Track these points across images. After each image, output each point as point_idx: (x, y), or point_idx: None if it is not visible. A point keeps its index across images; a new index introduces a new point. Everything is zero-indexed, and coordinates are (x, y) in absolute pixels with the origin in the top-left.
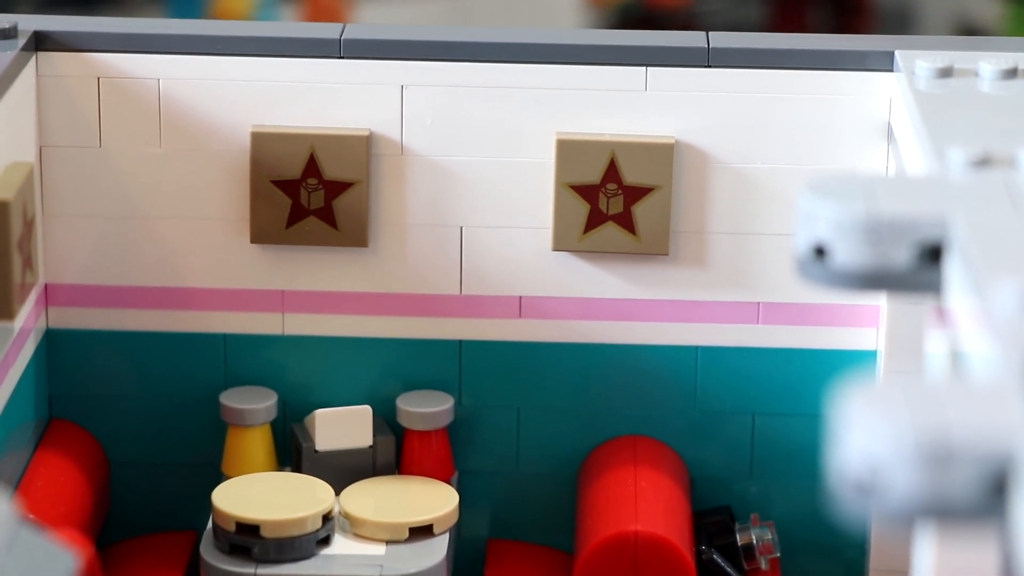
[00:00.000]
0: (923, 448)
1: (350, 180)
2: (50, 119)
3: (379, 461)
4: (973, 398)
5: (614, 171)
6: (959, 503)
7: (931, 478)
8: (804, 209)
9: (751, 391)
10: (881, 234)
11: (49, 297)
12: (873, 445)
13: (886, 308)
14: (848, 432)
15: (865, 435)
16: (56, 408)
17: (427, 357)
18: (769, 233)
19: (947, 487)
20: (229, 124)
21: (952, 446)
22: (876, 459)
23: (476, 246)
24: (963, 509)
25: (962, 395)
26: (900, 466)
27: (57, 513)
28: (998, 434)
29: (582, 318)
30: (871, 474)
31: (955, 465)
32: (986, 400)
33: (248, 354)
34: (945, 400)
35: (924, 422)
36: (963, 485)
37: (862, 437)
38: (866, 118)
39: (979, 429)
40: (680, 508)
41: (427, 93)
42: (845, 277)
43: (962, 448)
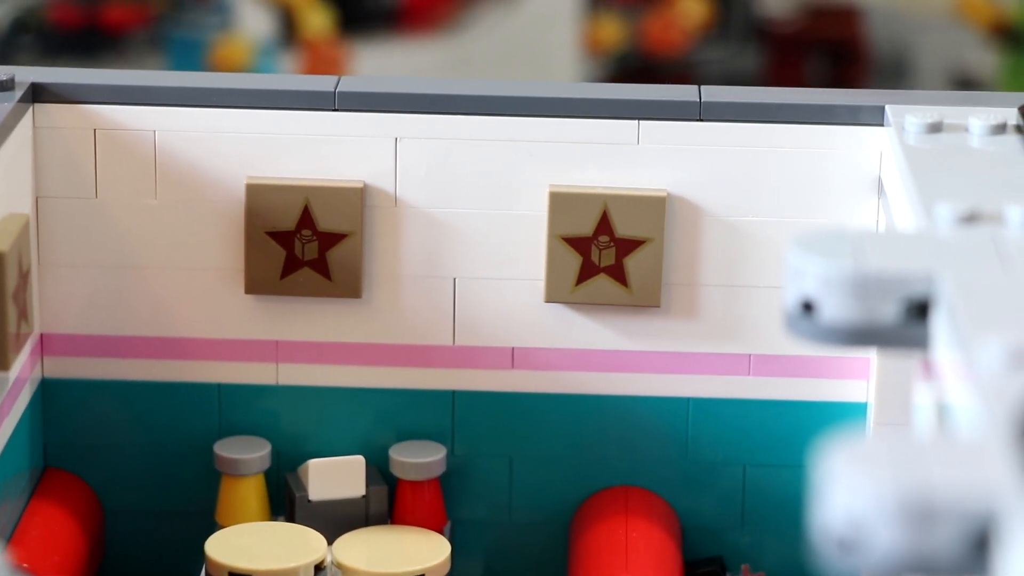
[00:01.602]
0: (905, 506)
1: (344, 232)
2: (46, 170)
3: (372, 511)
4: (956, 455)
5: (606, 223)
6: (942, 561)
7: (913, 536)
8: (792, 265)
9: (742, 442)
10: (869, 290)
11: (45, 347)
12: (855, 502)
13: (876, 361)
14: (830, 489)
15: (847, 492)
16: (51, 457)
17: (420, 407)
18: (760, 286)
19: (930, 545)
20: (224, 175)
21: (934, 504)
22: (858, 516)
23: (469, 297)
24: (946, 567)
25: (945, 452)
26: (882, 524)
27: (51, 563)
28: (980, 492)
29: (574, 369)
30: (853, 531)
31: (937, 523)
32: (969, 457)
33: (242, 404)
34: (928, 457)
35: (906, 479)
36: (946, 543)
37: (844, 494)
38: (857, 172)
39: (962, 487)
40: (671, 558)
41: (421, 145)
42: (833, 332)
43: (944, 506)
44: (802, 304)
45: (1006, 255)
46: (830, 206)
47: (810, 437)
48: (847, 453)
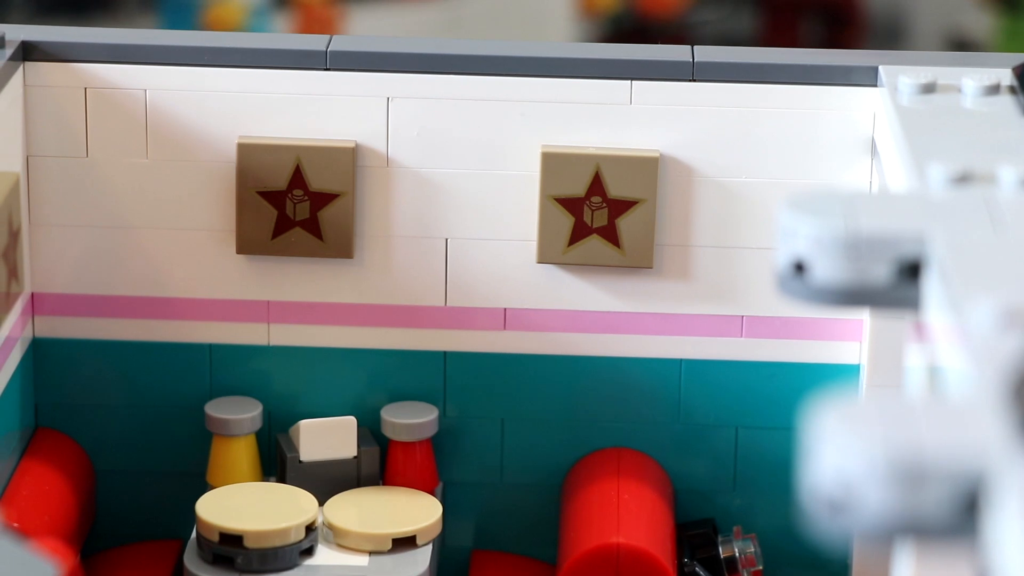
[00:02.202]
0: (895, 466)
1: (336, 191)
2: (37, 129)
3: (363, 472)
4: (947, 416)
5: (599, 184)
6: (932, 521)
7: (903, 496)
8: (784, 225)
9: (735, 404)
10: (860, 250)
11: (36, 306)
12: (845, 463)
13: (869, 322)
14: (821, 449)
15: (837, 453)
16: (42, 417)
17: (412, 368)
18: (753, 247)
19: (919, 505)
20: (215, 135)
21: (925, 464)
22: (848, 477)
23: (461, 258)
24: (936, 527)
25: (936, 413)
26: (872, 484)
27: (42, 522)
28: (970, 452)
29: (567, 330)
30: (844, 492)
31: (927, 483)
32: (959, 418)
33: (233, 364)
34: (918, 418)
35: (897, 440)
36: (935, 503)
37: (834, 455)
38: (850, 133)
39: (952, 448)
40: (663, 520)
41: (413, 105)
42: (824, 293)
43: (935, 467)
44: (794, 265)
45: (998, 216)
46: (823, 167)
47: (803, 399)
48: (837, 414)
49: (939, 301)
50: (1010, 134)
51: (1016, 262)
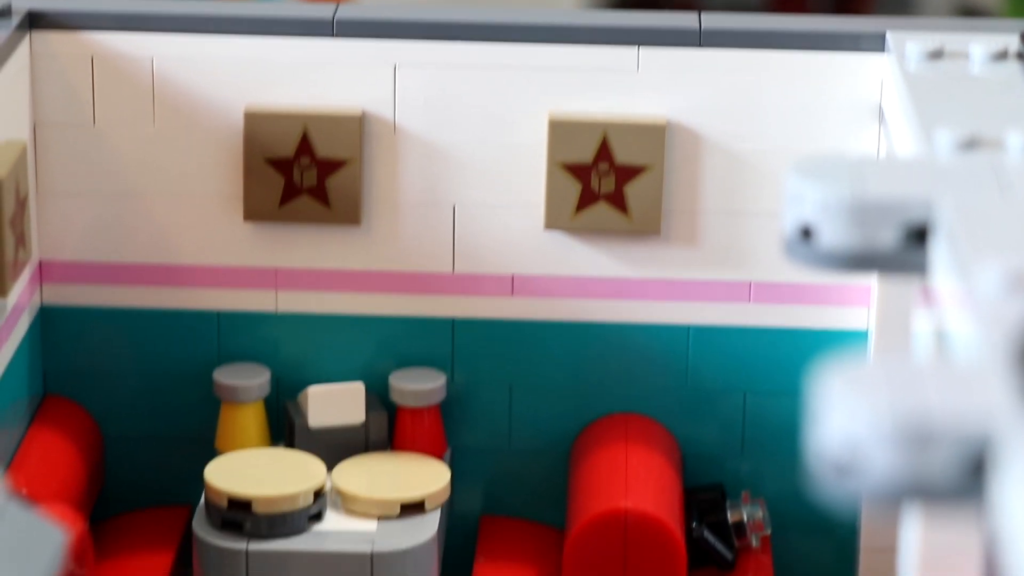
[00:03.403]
0: (902, 429)
1: (343, 159)
2: (44, 98)
3: (371, 438)
4: (953, 379)
5: (606, 151)
6: (938, 484)
7: (910, 459)
8: (791, 190)
9: (743, 370)
10: (867, 215)
11: (44, 274)
12: (852, 426)
13: (877, 288)
14: (827, 413)
15: (844, 416)
16: (51, 384)
17: (420, 335)
18: (761, 213)
19: (926, 468)
20: (222, 103)
21: (931, 427)
22: (855, 440)
23: (469, 224)
24: (943, 490)
25: (942, 376)
26: (879, 447)
27: (50, 489)
28: (977, 416)
29: (574, 296)
30: (850, 455)
31: (934, 446)
32: (966, 381)
33: (241, 331)
34: (925, 381)
35: (903, 403)
36: (942, 466)
37: (841, 418)
38: (857, 99)
39: (958, 410)
40: (671, 485)
41: (420, 73)
42: (832, 258)
43: (941, 429)
44: (801, 230)
45: (1005, 181)
46: (831, 133)
47: (811, 365)
48: (843, 378)
49: (946, 265)
50: (1017, 100)
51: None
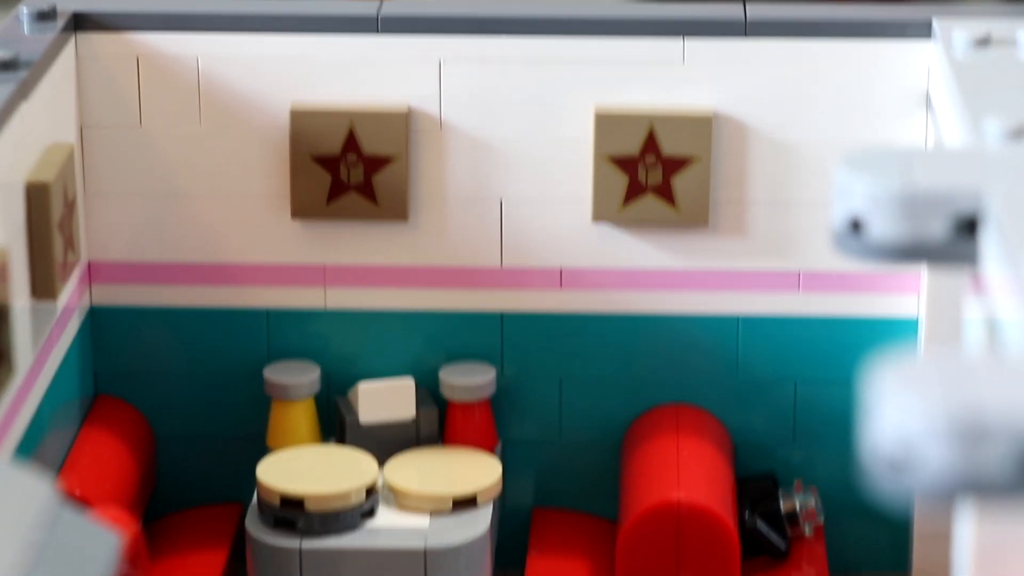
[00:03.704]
0: (956, 425)
1: (389, 155)
2: (90, 99)
3: (422, 433)
4: (1007, 374)
5: (653, 143)
6: (993, 480)
7: (964, 455)
8: (840, 183)
9: (793, 359)
10: (917, 207)
11: (92, 275)
12: (906, 422)
13: (927, 276)
14: (881, 409)
15: (898, 413)
16: (101, 384)
17: (469, 329)
18: (809, 202)
19: (980, 464)
20: (268, 101)
21: (985, 423)
22: (909, 436)
23: (516, 218)
24: (997, 485)
25: (996, 371)
26: (933, 443)
27: (103, 490)
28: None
29: (623, 288)
30: (904, 451)
31: (988, 442)
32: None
33: (291, 328)
34: (978, 376)
35: (957, 399)
36: (997, 462)
37: (895, 415)
38: (904, 87)
39: (1012, 405)
40: (723, 475)
41: (465, 68)
42: (882, 250)
43: (995, 425)
44: (851, 223)
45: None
46: (878, 122)
47: (861, 353)
48: (897, 373)
49: (997, 255)
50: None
51: None
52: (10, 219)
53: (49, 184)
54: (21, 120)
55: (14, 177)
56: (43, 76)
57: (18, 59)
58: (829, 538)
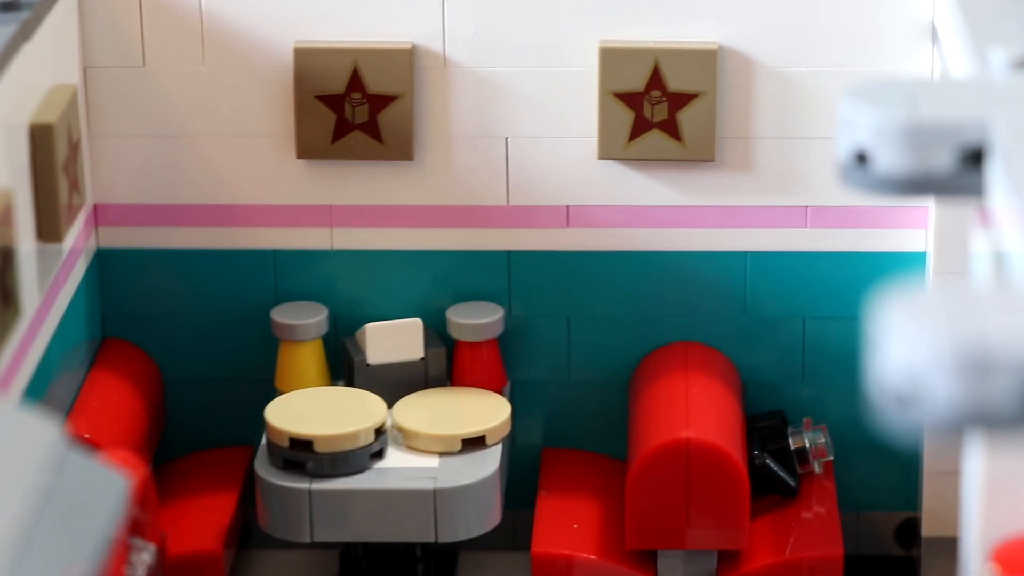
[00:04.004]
0: (962, 358)
1: (394, 93)
2: (93, 40)
3: (431, 373)
4: (1013, 306)
5: (658, 78)
6: (1000, 412)
7: (971, 388)
8: (845, 115)
9: (801, 295)
10: (922, 139)
11: (98, 217)
12: (912, 356)
13: (934, 209)
14: (887, 343)
15: (904, 346)
16: (109, 327)
17: (476, 268)
18: (816, 136)
19: (988, 396)
20: (272, 40)
21: (991, 355)
22: (915, 370)
23: (522, 156)
24: (1005, 417)
25: (1001, 303)
26: (940, 377)
27: (112, 433)
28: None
29: (630, 226)
30: (911, 385)
31: (995, 374)
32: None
33: (297, 269)
34: (984, 308)
35: (963, 331)
36: (1004, 394)
37: (901, 348)
38: (910, 19)
39: (1019, 338)
40: (732, 414)
41: (469, 4)
42: (887, 182)
43: (1002, 357)
44: (856, 155)
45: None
46: (883, 54)
47: (870, 288)
48: (902, 306)
49: (1003, 187)
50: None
51: None
52: (14, 161)
53: (53, 125)
54: (24, 61)
55: (17, 119)
56: (45, 17)
57: (20, 0)
58: (839, 476)
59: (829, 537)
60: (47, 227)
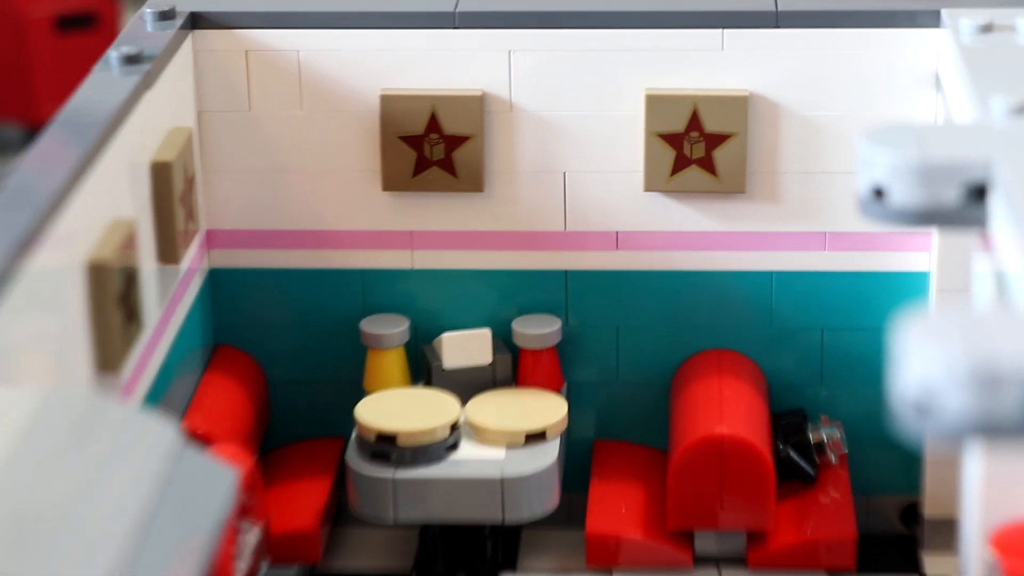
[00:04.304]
0: (974, 373)
1: (467, 134)
2: (206, 88)
3: (498, 376)
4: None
5: (696, 121)
6: (1008, 422)
7: (982, 400)
8: (863, 155)
9: (820, 309)
10: (932, 176)
11: (211, 241)
12: (929, 371)
13: (936, 234)
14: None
15: (922, 361)
16: (220, 336)
17: (537, 285)
18: (834, 172)
19: (997, 408)
20: (361, 88)
21: (1001, 371)
22: (932, 383)
23: (578, 188)
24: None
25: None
26: (953, 390)
27: (224, 428)
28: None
29: (671, 249)
30: (927, 396)
31: (1004, 388)
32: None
33: (383, 286)
34: (994, 328)
35: (975, 349)
36: (1012, 406)
37: (919, 363)
38: (917, 70)
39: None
40: (760, 411)
41: (532, 57)
42: (902, 215)
43: (1010, 372)
44: (873, 190)
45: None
46: (894, 101)
47: (880, 303)
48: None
49: (1005, 218)
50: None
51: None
52: (138, 195)
53: (171, 163)
54: (146, 107)
55: (141, 158)
56: (164, 68)
57: (142, 54)
58: (852, 465)
59: (844, 520)
60: (166, 251)
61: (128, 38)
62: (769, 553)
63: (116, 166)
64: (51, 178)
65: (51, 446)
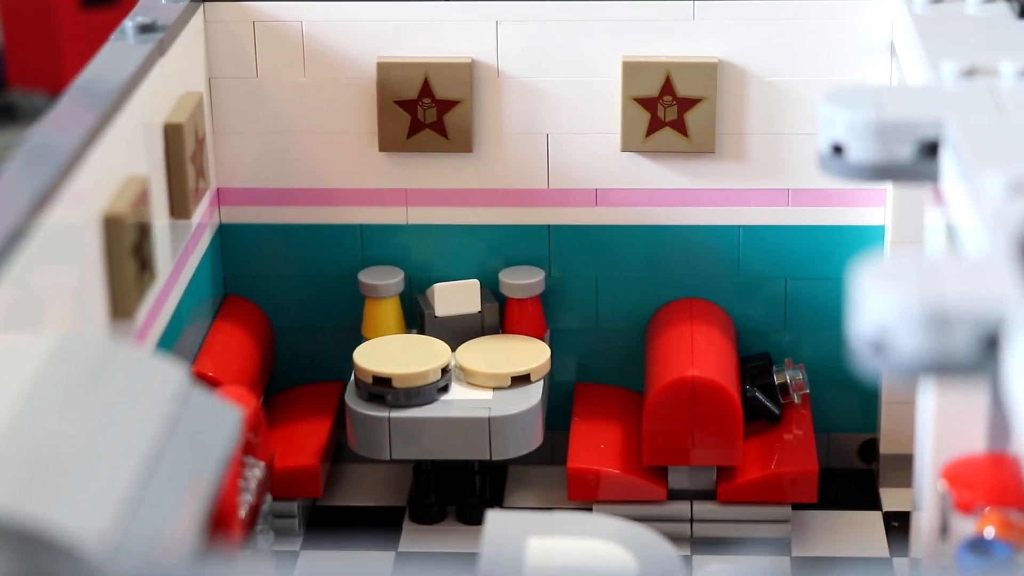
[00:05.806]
0: (926, 315)
1: (457, 99)
2: (216, 56)
3: (486, 323)
4: (968, 271)
5: (669, 86)
6: (958, 360)
7: (933, 340)
8: (823, 115)
9: (784, 260)
10: (887, 134)
11: (221, 198)
12: (884, 313)
13: (891, 190)
14: (863, 301)
15: (878, 303)
16: (229, 286)
17: (522, 239)
18: (797, 132)
19: (947, 347)
20: (359, 56)
21: (950, 312)
22: (887, 324)
23: (560, 149)
24: (961, 365)
25: (958, 269)
26: (907, 330)
27: (232, 371)
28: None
29: (646, 205)
30: (883, 336)
31: (953, 328)
32: (979, 272)
33: (379, 240)
34: (944, 273)
35: (927, 292)
36: (961, 345)
37: (875, 306)
38: (873, 37)
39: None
40: (728, 355)
41: (518, 27)
42: (859, 170)
43: (959, 313)
44: (833, 147)
45: (1001, 102)
46: (853, 66)
47: (839, 255)
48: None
49: (955, 174)
50: (1007, 35)
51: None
52: (151, 154)
53: (183, 125)
54: (159, 72)
55: (154, 119)
56: (177, 37)
57: (156, 23)
58: (813, 405)
59: (806, 455)
60: (178, 206)
61: (143, 9)
62: (737, 487)
63: (131, 127)
64: (69, 137)
65: (68, 387)
